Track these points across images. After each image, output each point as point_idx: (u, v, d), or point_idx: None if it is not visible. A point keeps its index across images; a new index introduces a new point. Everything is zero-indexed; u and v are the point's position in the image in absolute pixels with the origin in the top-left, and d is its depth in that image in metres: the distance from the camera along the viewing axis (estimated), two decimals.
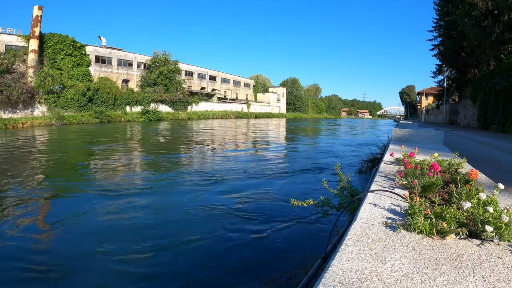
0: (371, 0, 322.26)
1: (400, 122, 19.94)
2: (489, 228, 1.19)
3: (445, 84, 35.74)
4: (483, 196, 1.36)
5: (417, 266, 1.00)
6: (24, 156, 10.81)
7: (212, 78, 63.04)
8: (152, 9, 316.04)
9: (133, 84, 45.48)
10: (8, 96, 28.08)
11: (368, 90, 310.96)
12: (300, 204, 2.74)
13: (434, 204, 1.47)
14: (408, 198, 1.62)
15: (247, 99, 70.93)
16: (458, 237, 1.24)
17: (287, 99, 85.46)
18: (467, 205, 1.32)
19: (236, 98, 67.78)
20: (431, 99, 56.80)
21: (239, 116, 57.48)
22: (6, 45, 33.46)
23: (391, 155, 3.32)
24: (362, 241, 1.19)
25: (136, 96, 40.93)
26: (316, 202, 2.85)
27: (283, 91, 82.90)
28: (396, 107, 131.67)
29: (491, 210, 1.25)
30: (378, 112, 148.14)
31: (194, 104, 50.13)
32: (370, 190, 1.93)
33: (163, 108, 44.19)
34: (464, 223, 1.30)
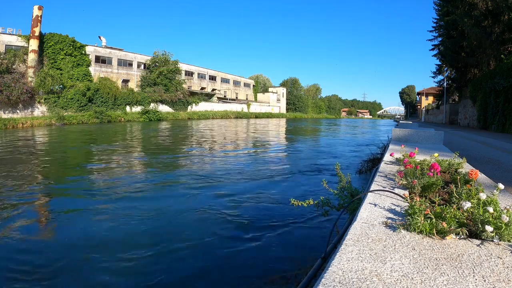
0: (371, 0, 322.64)
1: (400, 122, 19.95)
2: (489, 228, 1.19)
3: (445, 84, 35.75)
4: (483, 196, 1.36)
5: (417, 266, 1.00)
6: (23, 157, 10.81)
7: (212, 78, 63.05)
8: (152, 9, 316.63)
9: (133, 84, 45.50)
10: (8, 96, 28.09)
11: (368, 90, 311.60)
12: (300, 204, 2.74)
13: (434, 204, 1.47)
14: (408, 198, 1.62)
15: (247, 99, 70.93)
16: (458, 237, 1.24)
17: (287, 99, 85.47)
18: (467, 205, 1.32)
19: (236, 98, 67.78)
20: (431, 99, 56.82)
21: (239, 116, 57.48)
22: (6, 45, 33.47)
23: (391, 155, 3.32)
24: (362, 241, 1.19)
25: (136, 96, 40.94)
26: (316, 202, 2.86)
27: (283, 91, 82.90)
28: (396, 107, 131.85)
29: (491, 210, 1.25)
30: (378, 112, 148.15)
31: (194, 104, 50.15)
32: (370, 190, 1.93)
33: (163, 108, 44.20)
34: (464, 223, 1.30)
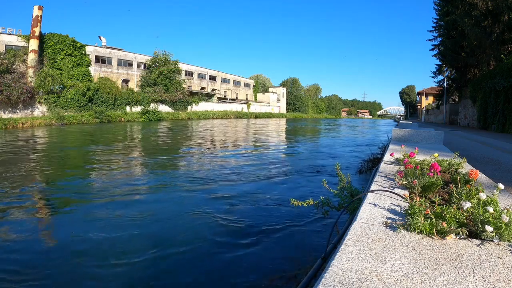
0: (371, 0, 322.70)
1: (400, 122, 19.95)
2: (489, 228, 1.19)
3: (445, 84, 35.75)
4: (483, 196, 1.36)
5: (417, 266, 1.00)
6: (22, 157, 10.81)
7: (212, 78, 63.05)
8: (152, 9, 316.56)
9: (133, 84, 45.49)
10: (8, 96, 28.08)
11: (368, 90, 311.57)
12: (300, 204, 2.74)
13: (434, 204, 1.47)
14: (408, 198, 1.62)
15: (247, 99, 70.92)
16: (458, 237, 1.24)
17: (287, 99, 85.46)
18: (467, 205, 1.32)
19: (236, 98, 67.77)
20: (431, 99, 56.82)
21: (239, 116, 57.47)
22: (6, 45, 33.47)
23: (391, 155, 3.32)
24: (362, 241, 1.19)
25: (136, 96, 40.94)
26: (316, 202, 2.86)
27: (283, 91, 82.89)
28: (396, 107, 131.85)
29: (491, 210, 1.25)
30: (378, 112, 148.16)
31: (194, 104, 50.14)
32: (370, 190, 1.93)
33: (163, 108, 44.20)
34: (464, 223, 1.30)
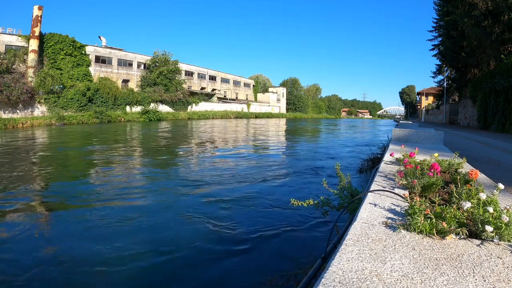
0: (371, 0, 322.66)
1: (400, 122, 19.95)
2: (489, 228, 1.19)
3: (445, 84, 35.75)
4: (483, 196, 1.36)
5: (417, 266, 1.00)
6: (21, 157, 10.80)
7: (212, 78, 63.04)
8: (152, 9, 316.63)
9: (133, 84, 45.48)
10: (8, 96, 28.07)
11: (368, 90, 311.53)
12: (300, 204, 2.74)
13: (434, 204, 1.47)
14: (408, 198, 1.62)
15: (247, 99, 70.91)
16: (458, 237, 1.24)
17: (287, 99, 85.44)
18: (467, 205, 1.32)
19: (236, 98, 67.76)
20: (431, 99, 56.81)
21: (239, 116, 57.46)
22: (6, 45, 33.46)
23: (391, 155, 3.32)
24: (362, 241, 1.19)
25: (136, 96, 40.93)
26: (316, 202, 2.86)
27: (283, 91, 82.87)
28: (396, 107, 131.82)
29: (491, 210, 1.25)
30: (378, 112, 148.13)
31: (194, 104, 50.13)
32: (370, 190, 1.93)
33: (163, 108, 44.19)
34: (464, 223, 1.30)
